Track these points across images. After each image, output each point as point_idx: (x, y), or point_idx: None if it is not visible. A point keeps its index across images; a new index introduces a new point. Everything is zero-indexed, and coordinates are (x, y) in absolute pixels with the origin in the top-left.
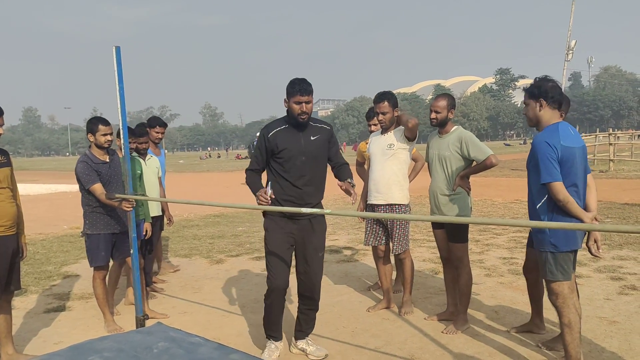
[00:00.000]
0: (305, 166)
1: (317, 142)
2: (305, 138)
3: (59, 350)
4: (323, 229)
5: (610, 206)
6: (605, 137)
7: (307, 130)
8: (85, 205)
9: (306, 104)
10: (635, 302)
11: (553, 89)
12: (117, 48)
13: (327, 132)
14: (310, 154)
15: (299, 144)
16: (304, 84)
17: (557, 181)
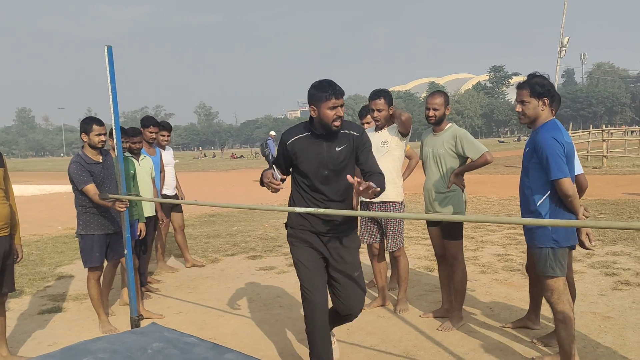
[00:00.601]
0: (329, 182)
1: (343, 153)
2: (330, 149)
3: (53, 352)
4: (356, 245)
5: (603, 202)
6: (599, 133)
7: (333, 139)
8: (79, 206)
9: (341, 107)
10: (629, 297)
11: (551, 86)
12: (108, 48)
13: (355, 139)
14: (334, 168)
15: (320, 155)
16: (335, 86)
17: (567, 177)
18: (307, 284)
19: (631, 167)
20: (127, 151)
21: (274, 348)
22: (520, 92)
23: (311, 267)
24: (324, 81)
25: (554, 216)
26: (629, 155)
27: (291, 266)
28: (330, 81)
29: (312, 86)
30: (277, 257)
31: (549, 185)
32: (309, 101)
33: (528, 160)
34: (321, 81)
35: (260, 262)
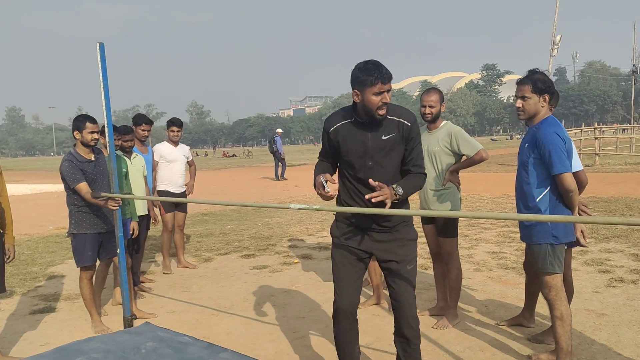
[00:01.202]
0: (374, 173)
1: (390, 142)
2: (375, 137)
3: (45, 352)
4: (412, 237)
5: (596, 200)
6: (591, 131)
7: (379, 126)
8: (71, 205)
9: (387, 92)
10: (623, 294)
11: (552, 85)
12: (101, 45)
13: (404, 128)
14: (379, 159)
15: (365, 145)
16: (382, 68)
17: (570, 171)
18: (336, 286)
19: (623, 165)
20: (119, 149)
21: (268, 347)
22: (522, 88)
23: (343, 267)
24: (369, 62)
25: (554, 212)
26: (620, 153)
27: (284, 265)
28: (377, 63)
29: (356, 67)
30: (271, 256)
31: (549, 181)
32: (352, 84)
33: (527, 155)
34: (367, 62)
35: (253, 261)
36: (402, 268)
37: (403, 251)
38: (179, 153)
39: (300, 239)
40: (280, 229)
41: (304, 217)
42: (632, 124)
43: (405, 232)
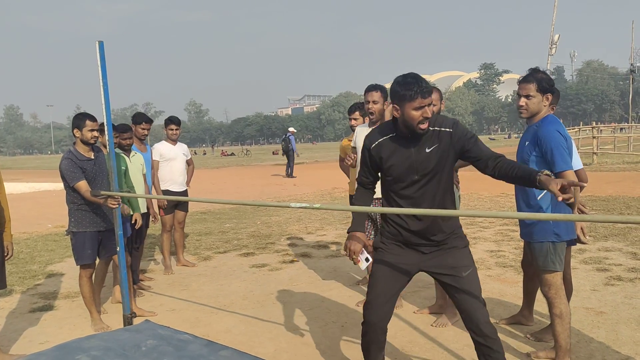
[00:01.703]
0: (421, 188)
1: (434, 154)
2: (419, 150)
3: (45, 350)
4: (460, 244)
5: (594, 199)
6: (589, 130)
7: (420, 139)
8: (71, 203)
9: (428, 107)
10: (621, 292)
11: (554, 84)
12: (100, 43)
13: (446, 135)
14: (425, 172)
15: (409, 159)
16: (422, 82)
17: (572, 169)
18: (369, 297)
19: (621, 164)
20: (117, 147)
21: (268, 345)
22: (526, 86)
23: (384, 281)
24: (408, 76)
25: (555, 210)
26: (618, 152)
27: (284, 263)
28: (416, 76)
29: (395, 82)
30: (270, 255)
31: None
32: (392, 99)
33: (528, 153)
34: (405, 76)
35: (252, 259)
36: (456, 278)
37: (454, 260)
38: (179, 151)
39: (299, 237)
40: (279, 227)
41: (303, 215)
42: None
43: (455, 242)
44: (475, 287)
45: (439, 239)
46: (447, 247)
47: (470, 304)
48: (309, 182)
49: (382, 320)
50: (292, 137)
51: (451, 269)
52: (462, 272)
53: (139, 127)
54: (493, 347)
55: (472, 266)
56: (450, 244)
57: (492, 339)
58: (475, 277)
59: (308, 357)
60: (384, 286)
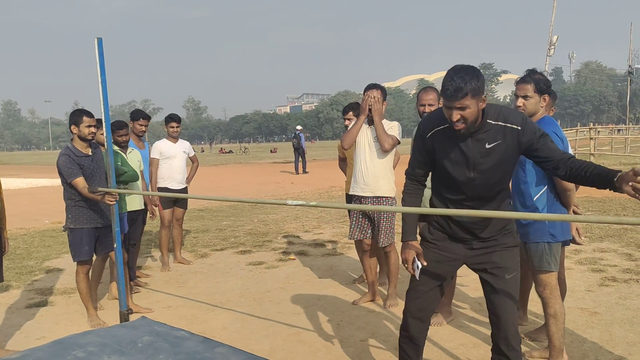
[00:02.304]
0: (475, 187)
1: (495, 152)
2: (478, 145)
3: (42, 345)
4: (512, 244)
5: (590, 200)
6: (586, 131)
7: (482, 133)
8: (68, 199)
9: (459, 110)
10: (616, 293)
11: (551, 85)
12: (99, 40)
13: (513, 133)
14: (483, 169)
15: (465, 153)
16: (453, 80)
17: None
18: (410, 286)
19: (617, 165)
20: (113, 144)
21: (264, 342)
22: (524, 87)
23: (427, 283)
24: (449, 72)
25: (551, 210)
26: (615, 154)
27: (280, 261)
28: (453, 71)
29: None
30: (267, 252)
31: (546, 179)
32: None
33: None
34: (449, 71)
35: (249, 257)
36: (498, 278)
37: (499, 258)
38: (179, 149)
39: (296, 235)
40: (276, 225)
41: (300, 213)
42: (627, 125)
43: (505, 239)
44: (514, 292)
45: (486, 236)
46: (497, 244)
47: (502, 309)
48: (307, 181)
49: (421, 311)
50: (302, 135)
51: (495, 268)
52: (505, 273)
53: (136, 123)
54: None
55: (517, 269)
56: (499, 240)
57: (515, 351)
58: (516, 282)
59: (303, 354)
60: (426, 275)
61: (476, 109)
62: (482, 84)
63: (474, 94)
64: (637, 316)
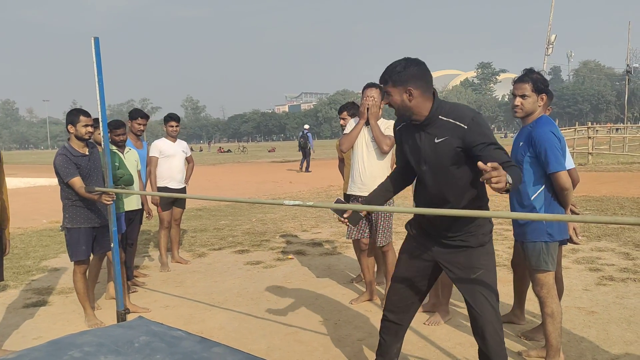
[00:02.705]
0: (430, 180)
1: (442, 147)
2: (428, 139)
3: (38, 345)
4: (474, 243)
5: (589, 199)
6: (585, 130)
7: (432, 128)
8: (65, 199)
9: (387, 96)
10: (613, 292)
11: (549, 85)
12: (95, 39)
13: (459, 131)
14: (433, 163)
15: (417, 147)
16: (385, 71)
17: (565, 170)
18: (388, 296)
19: (616, 164)
20: (111, 143)
21: (261, 342)
22: (522, 86)
23: (401, 263)
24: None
25: (549, 210)
26: (613, 153)
27: (278, 260)
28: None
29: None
30: (265, 252)
31: (544, 179)
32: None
33: (522, 154)
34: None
35: (247, 256)
36: (464, 279)
37: (465, 259)
38: (178, 148)
39: (294, 235)
40: (274, 224)
41: (298, 213)
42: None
43: (469, 240)
44: (484, 291)
45: (450, 234)
46: (462, 244)
47: (474, 308)
48: (305, 180)
49: (395, 317)
50: (309, 134)
51: (461, 270)
52: (470, 273)
53: (135, 122)
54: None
55: (484, 269)
56: (466, 241)
57: (494, 350)
58: (487, 280)
59: (301, 354)
60: (403, 267)
61: (399, 98)
62: (409, 75)
63: (394, 84)
64: (634, 315)
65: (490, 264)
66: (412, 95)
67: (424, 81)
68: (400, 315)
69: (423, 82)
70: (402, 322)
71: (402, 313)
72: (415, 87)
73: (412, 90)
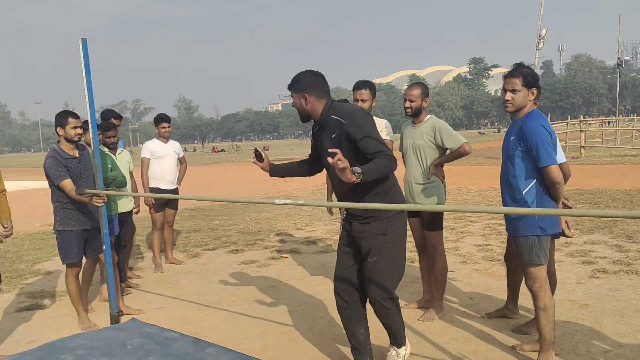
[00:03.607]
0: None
1: (336, 140)
2: (326, 137)
3: (30, 350)
4: (377, 231)
5: (581, 192)
6: (577, 124)
7: (327, 126)
8: (56, 202)
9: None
10: (606, 285)
11: (539, 79)
12: (83, 40)
13: (341, 126)
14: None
15: (323, 144)
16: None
17: (556, 164)
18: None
19: (608, 157)
20: (102, 145)
21: (255, 342)
22: (512, 81)
23: (339, 254)
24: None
25: (540, 204)
26: (605, 146)
27: (272, 259)
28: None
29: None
30: (259, 251)
31: (535, 173)
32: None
33: (513, 148)
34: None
35: (241, 256)
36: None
37: (365, 243)
38: (170, 149)
39: (288, 233)
40: (268, 223)
41: (292, 211)
42: (618, 117)
43: (374, 227)
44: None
45: (360, 215)
46: (369, 229)
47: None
48: (300, 179)
49: (340, 287)
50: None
51: (365, 252)
52: (368, 257)
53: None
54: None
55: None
56: (371, 226)
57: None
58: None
59: (296, 353)
60: (339, 256)
61: (299, 102)
62: (305, 84)
63: (295, 90)
64: (627, 307)
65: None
66: (308, 100)
67: (318, 89)
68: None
69: (316, 89)
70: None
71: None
72: (310, 93)
73: (307, 96)
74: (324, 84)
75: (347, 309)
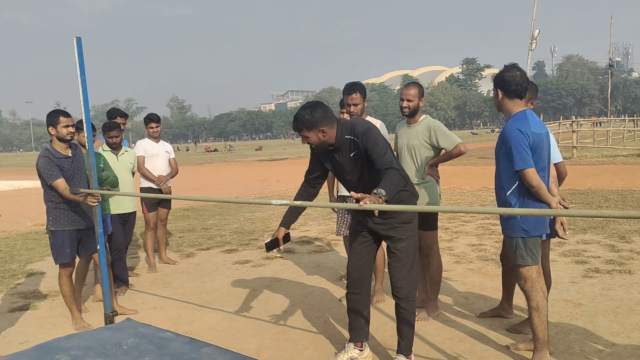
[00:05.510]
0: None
1: (356, 157)
2: (344, 156)
3: (24, 350)
4: (403, 220)
5: (574, 192)
6: (569, 124)
7: (344, 146)
8: (49, 202)
9: (305, 139)
10: (599, 284)
11: (512, 79)
12: (78, 39)
13: (356, 144)
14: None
15: (339, 163)
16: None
17: (530, 167)
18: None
19: (600, 158)
20: (106, 145)
21: (251, 341)
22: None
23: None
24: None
25: (524, 205)
26: (597, 146)
27: (267, 259)
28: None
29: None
30: (253, 251)
31: (517, 175)
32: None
33: (498, 150)
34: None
35: (235, 255)
36: (395, 246)
37: (397, 233)
38: (161, 149)
39: None
40: (262, 223)
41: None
42: (609, 117)
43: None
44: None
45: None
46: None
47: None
48: (293, 178)
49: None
50: None
51: (391, 240)
52: (397, 245)
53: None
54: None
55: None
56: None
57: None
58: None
59: (291, 353)
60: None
61: (316, 138)
62: (317, 119)
63: (309, 129)
64: (620, 306)
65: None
66: (325, 132)
67: (328, 118)
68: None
69: (328, 119)
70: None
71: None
72: (324, 125)
73: (324, 129)
74: (329, 109)
75: (357, 295)
